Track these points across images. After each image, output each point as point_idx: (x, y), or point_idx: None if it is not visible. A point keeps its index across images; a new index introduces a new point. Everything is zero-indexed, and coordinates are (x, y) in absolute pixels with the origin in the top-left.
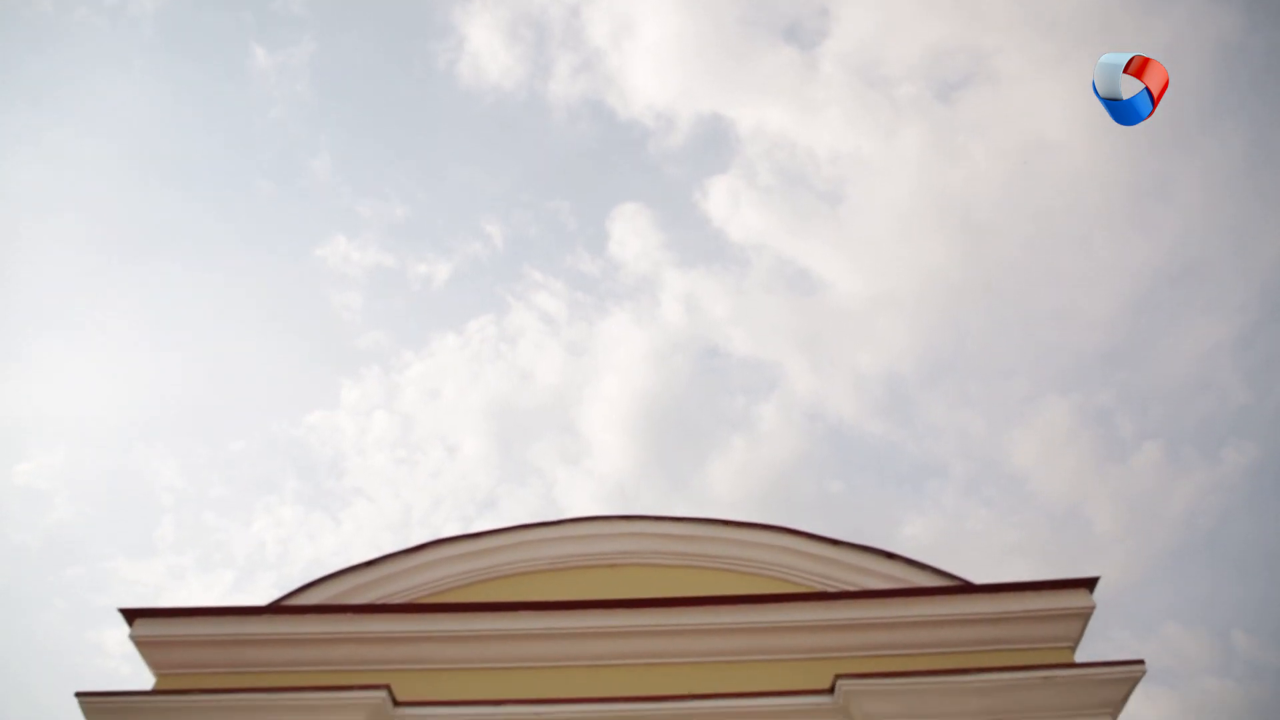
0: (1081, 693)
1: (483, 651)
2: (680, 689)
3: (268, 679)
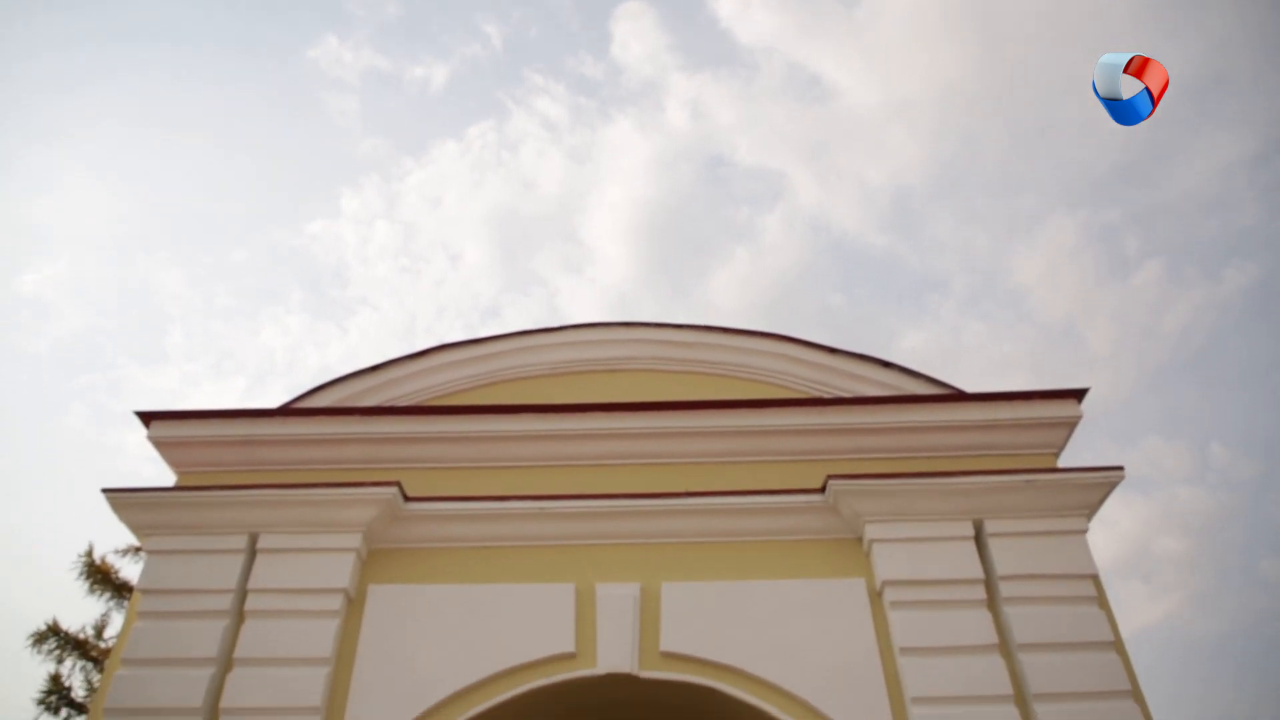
0: (1061, 495)
1: (487, 452)
2: (677, 487)
3: (283, 476)
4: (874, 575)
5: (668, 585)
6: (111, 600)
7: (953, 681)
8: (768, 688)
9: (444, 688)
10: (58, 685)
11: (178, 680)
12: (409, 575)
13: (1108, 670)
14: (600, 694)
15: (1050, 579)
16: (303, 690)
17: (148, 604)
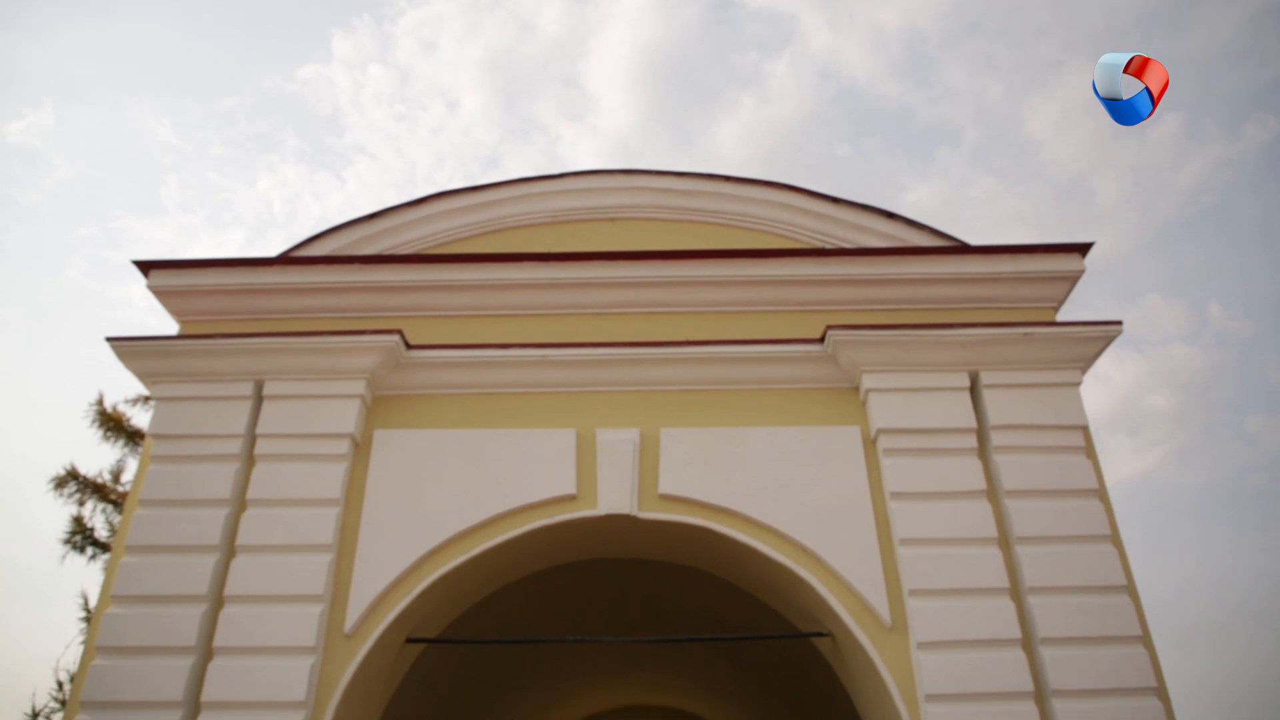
0: (1057, 349)
1: (488, 300)
2: (677, 336)
3: (285, 325)
4: (869, 423)
5: (666, 431)
6: (125, 447)
7: (939, 525)
8: (762, 528)
9: (450, 527)
10: (81, 526)
11: (194, 520)
12: (414, 421)
13: (1090, 517)
14: (600, 534)
15: (1041, 429)
16: (314, 529)
17: (160, 449)
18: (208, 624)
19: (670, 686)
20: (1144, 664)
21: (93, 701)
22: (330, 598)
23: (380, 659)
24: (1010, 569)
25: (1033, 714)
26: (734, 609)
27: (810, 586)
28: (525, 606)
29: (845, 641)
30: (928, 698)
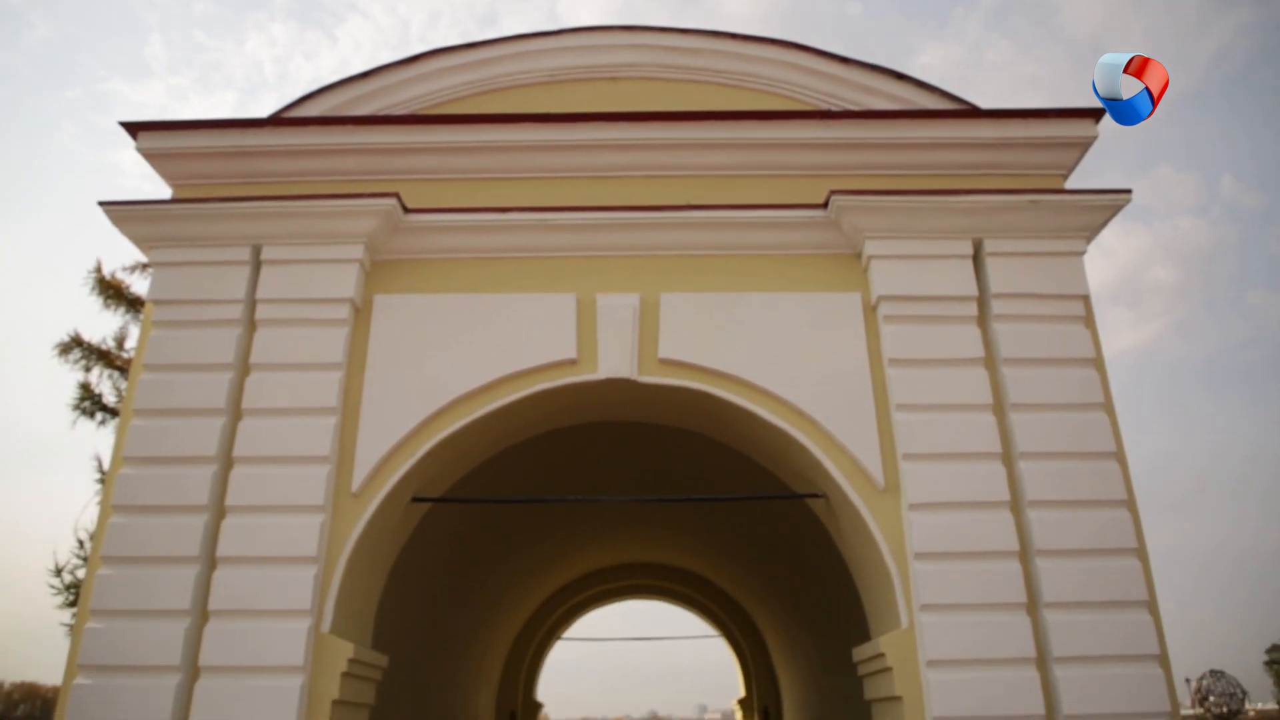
0: (1064, 217)
1: (486, 162)
2: (679, 200)
3: (281, 189)
4: (870, 290)
5: (667, 296)
6: (127, 314)
7: (936, 391)
8: (760, 393)
9: (452, 390)
10: (89, 392)
11: (199, 384)
12: (414, 286)
13: (1085, 385)
14: (601, 398)
15: (1042, 298)
16: (318, 393)
17: (160, 314)
18: (219, 483)
19: (669, 545)
20: (1127, 526)
21: (112, 556)
22: (336, 459)
23: (387, 517)
24: (1003, 434)
25: (1017, 572)
26: (732, 471)
27: (806, 450)
28: (528, 468)
29: (839, 502)
30: (917, 555)
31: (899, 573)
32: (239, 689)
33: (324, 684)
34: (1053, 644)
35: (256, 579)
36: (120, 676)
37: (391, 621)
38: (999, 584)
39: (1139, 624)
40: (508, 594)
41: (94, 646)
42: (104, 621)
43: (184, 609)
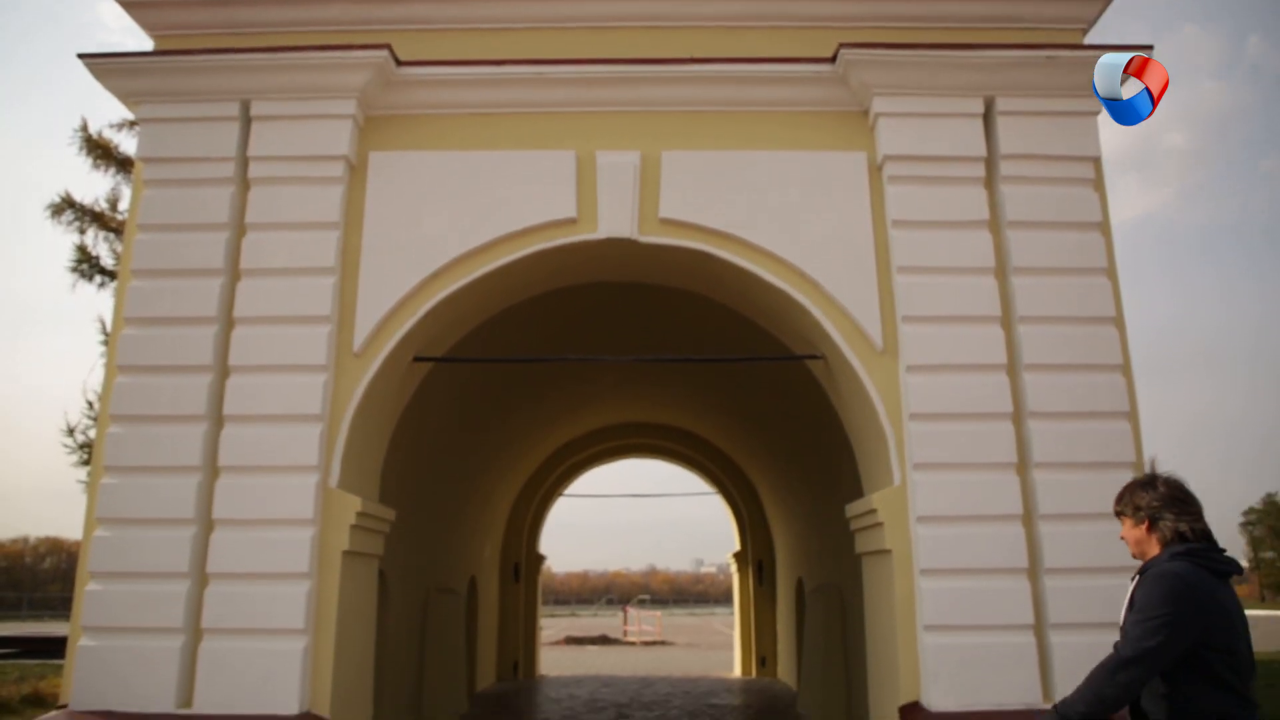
0: (1080, 74)
1: (479, 11)
2: (681, 53)
3: (268, 40)
4: (876, 149)
5: (668, 154)
6: (118, 175)
7: (938, 254)
8: (761, 254)
9: (451, 250)
10: (85, 254)
11: (195, 244)
12: (409, 142)
13: (1089, 249)
14: (601, 258)
15: (1052, 160)
16: (316, 252)
17: (151, 173)
18: (221, 344)
19: (669, 405)
20: (1120, 391)
21: (121, 415)
22: (337, 319)
23: (389, 377)
24: (1004, 298)
25: (1009, 434)
26: (731, 332)
27: (806, 311)
28: (529, 328)
29: (837, 364)
30: (912, 416)
31: (893, 433)
32: (253, 540)
33: (334, 536)
34: (1040, 502)
35: (263, 437)
36: (137, 529)
37: (398, 477)
38: (991, 445)
39: (1124, 483)
40: (510, 451)
41: (110, 501)
42: (117, 478)
43: (194, 465)
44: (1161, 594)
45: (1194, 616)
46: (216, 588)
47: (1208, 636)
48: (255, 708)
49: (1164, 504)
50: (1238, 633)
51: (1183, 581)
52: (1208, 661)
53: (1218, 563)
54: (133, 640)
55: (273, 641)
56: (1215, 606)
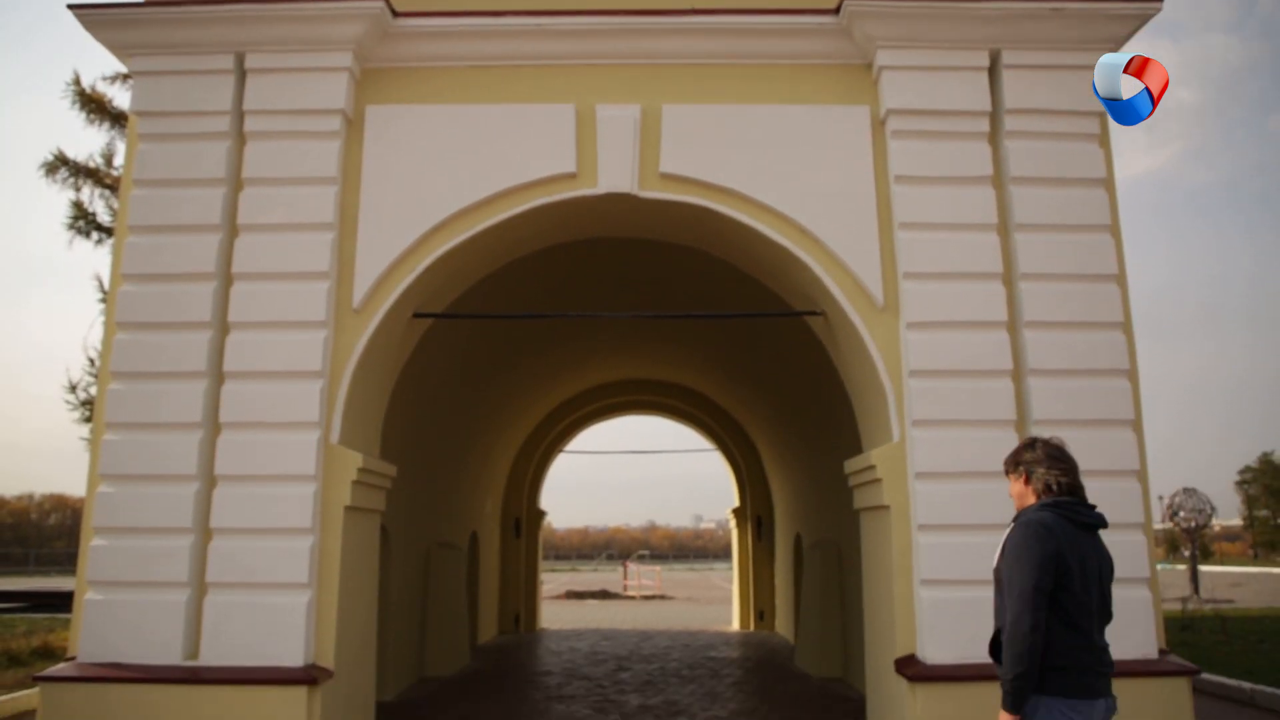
0: (1087, 27)
1: None
2: (682, 4)
3: None
4: (879, 103)
5: (669, 107)
6: (112, 130)
7: (941, 210)
8: (762, 209)
9: (449, 205)
10: (81, 211)
11: (193, 199)
12: (407, 96)
13: (1092, 206)
14: (601, 214)
15: (1057, 114)
16: (314, 208)
17: (146, 127)
18: (220, 300)
19: (669, 361)
20: (1120, 348)
21: (121, 372)
22: (336, 275)
23: (389, 333)
24: (1006, 254)
25: (1009, 391)
26: (732, 289)
27: (807, 267)
28: (529, 284)
29: (838, 320)
30: (911, 373)
31: (893, 389)
32: (255, 496)
33: (336, 491)
34: None
35: (264, 393)
36: (140, 485)
37: (399, 434)
38: (990, 402)
39: (1122, 441)
40: (510, 408)
41: (112, 457)
42: (120, 434)
43: (195, 422)
44: (1026, 540)
45: (1053, 559)
46: (220, 543)
47: (1062, 579)
48: (261, 660)
49: (1040, 461)
50: (1089, 580)
51: (1045, 528)
52: (1060, 603)
53: (1080, 514)
54: (138, 594)
55: (277, 595)
56: (1071, 554)
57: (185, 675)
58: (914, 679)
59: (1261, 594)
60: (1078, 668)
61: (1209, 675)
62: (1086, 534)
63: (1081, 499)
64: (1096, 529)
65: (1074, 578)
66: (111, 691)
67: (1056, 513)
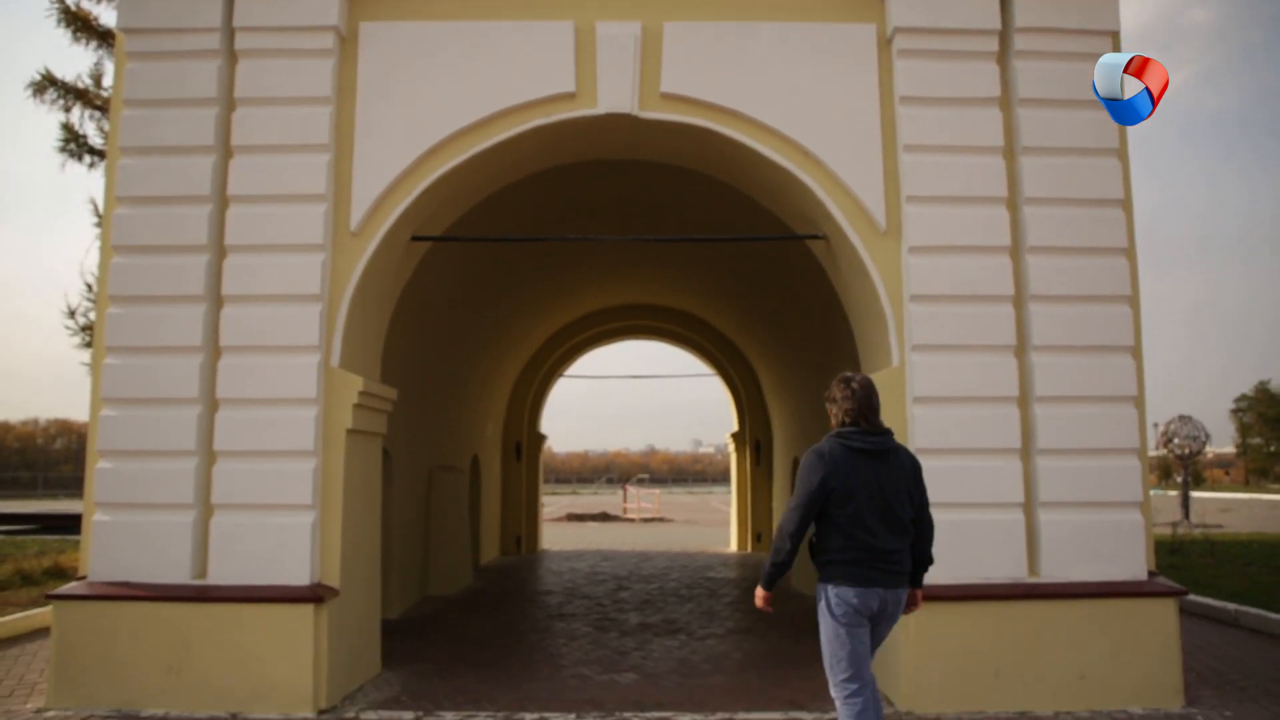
0: None
1: None
2: None
3: None
4: (886, 21)
5: (670, 25)
6: (100, 49)
7: (947, 132)
8: (764, 130)
9: (446, 126)
10: (72, 133)
11: (184, 119)
12: (401, 13)
13: (1100, 129)
14: (600, 134)
15: (1068, 34)
16: (309, 129)
17: (134, 44)
18: (216, 223)
19: (669, 286)
20: (1123, 273)
21: (119, 296)
22: (333, 197)
23: (387, 256)
24: (1011, 178)
25: (1009, 316)
26: (733, 212)
27: (809, 190)
28: (527, 207)
29: (839, 244)
30: (912, 298)
31: (893, 314)
32: (258, 419)
33: (337, 415)
34: (1036, 384)
35: (264, 317)
36: (143, 409)
37: (399, 358)
38: (990, 327)
39: (1121, 367)
40: (510, 332)
41: (114, 381)
42: (120, 358)
43: (195, 346)
44: (803, 465)
45: (824, 480)
46: (224, 465)
47: (831, 496)
48: (268, 578)
49: (836, 399)
50: (871, 495)
51: (819, 456)
52: (830, 515)
53: (855, 441)
54: (145, 516)
55: (282, 516)
56: (840, 476)
57: (194, 594)
58: None
59: (1251, 519)
60: (848, 563)
61: (1196, 597)
62: (868, 458)
63: (865, 429)
64: (884, 454)
65: (843, 495)
66: (123, 609)
67: (836, 441)
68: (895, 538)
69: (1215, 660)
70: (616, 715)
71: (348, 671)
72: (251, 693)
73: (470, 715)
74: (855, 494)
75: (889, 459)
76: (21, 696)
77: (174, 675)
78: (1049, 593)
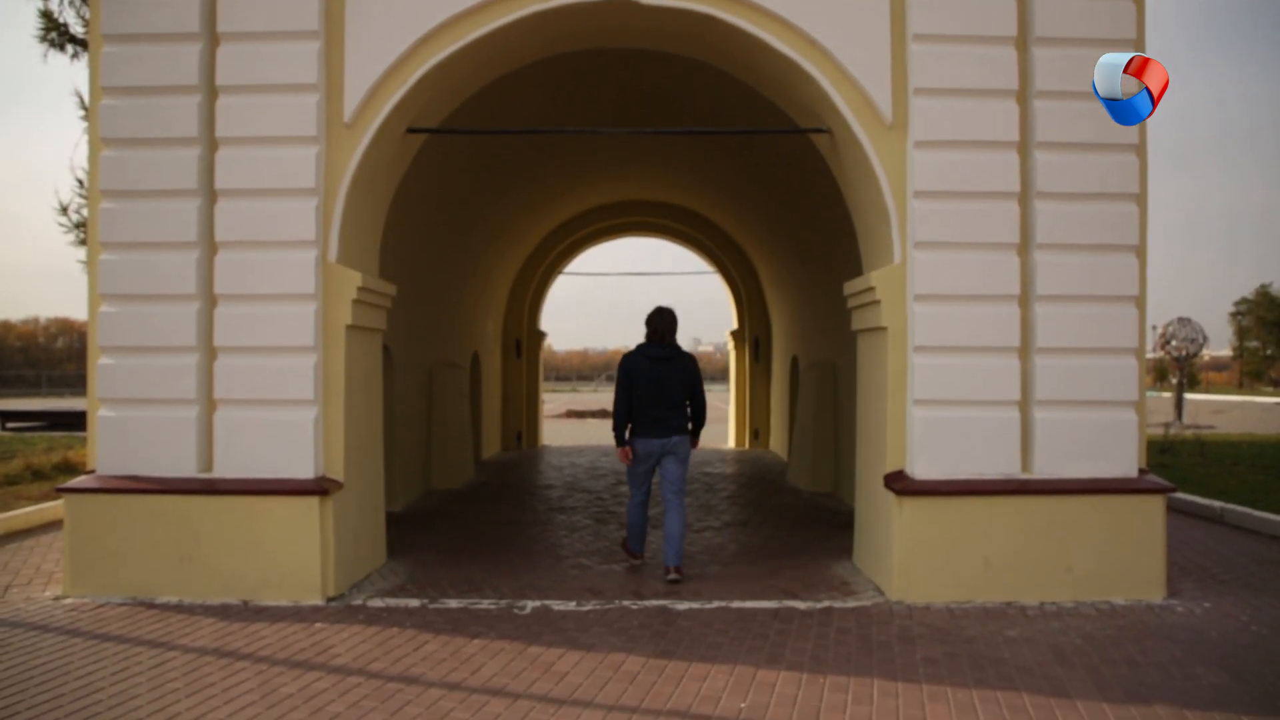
0: None
1: None
2: None
3: None
4: None
5: None
6: None
7: (958, 21)
8: (769, 17)
9: (440, 12)
10: (52, 22)
11: (167, 4)
12: None
13: (1118, 19)
14: (601, 20)
15: None
16: (298, 15)
17: None
18: (206, 114)
19: (669, 182)
20: (1132, 171)
21: (111, 190)
22: (325, 87)
23: (383, 148)
24: (1022, 69)
25: (1014, 214)
26: (735, 105)
27: (814, 81)
28: (525, 99)
29: (843, 138)
30: (916, 194)
31: (897, 210)
32: (256, 315)
33: (336, 310)
34: (1038, 283)
35: (259, 211)
36: (142, 304)
37: (398, 255)
38: (994, 224)
39: (1124, 266)
40: (509, 228)
41: (111, 277)
42: (116, 254)
43: (191, 241)
44: (620, 366)
45: (624, 375)
46: (225, 360)
47: (629, 385)
48: (273, 471)
49: (649, 323)
50: (654, 386)
51: (626, 358)
52: (628, 397)
53: (651, 351)
54: (150, 411)
55: (284, 411)
56: (633, 371)
57: (201, 486)
58: (901, 493)
59: (1243, 421)
60: (639, 423)
61: (1184, 495)
62: (658, 362)
63: (656, 343)
64: (668, 359)
65: (635, 384)
66: (132, 501)
67: (638, 349)
68: (668, 410)
69: (1199, 555)
70: (616, 603)
71: (354, 561)
72: (261, 581)
73: (474, 602)
74: (653, 385)
75: (671, 363)
76: (40, 585)
77: (186, 564)
78: (1041, 489)
